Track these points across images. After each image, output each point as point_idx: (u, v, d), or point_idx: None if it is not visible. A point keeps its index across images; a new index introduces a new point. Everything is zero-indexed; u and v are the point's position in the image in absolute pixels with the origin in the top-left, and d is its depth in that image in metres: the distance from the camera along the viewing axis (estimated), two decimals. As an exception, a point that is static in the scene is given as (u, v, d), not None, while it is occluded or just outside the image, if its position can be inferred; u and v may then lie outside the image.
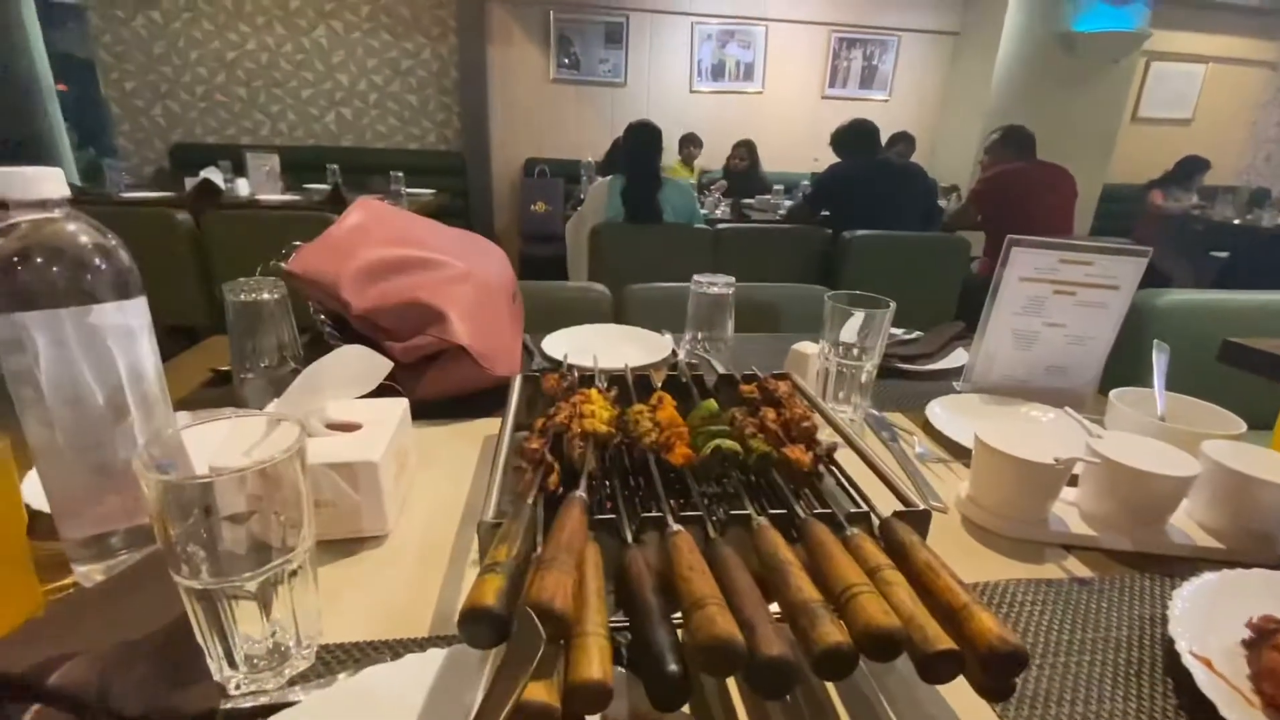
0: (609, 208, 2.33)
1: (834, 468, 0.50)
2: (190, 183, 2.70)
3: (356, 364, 0.52)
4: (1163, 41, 4.21)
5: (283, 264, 0.68)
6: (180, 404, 0.72)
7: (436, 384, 0.70)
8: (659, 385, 0.66)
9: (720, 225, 2.39)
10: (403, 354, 0.68)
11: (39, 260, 0.37)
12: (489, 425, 0.70)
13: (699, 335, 0.85)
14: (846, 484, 0.49)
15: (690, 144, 3.94)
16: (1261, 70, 4.81)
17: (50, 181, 0.38)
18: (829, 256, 2.40)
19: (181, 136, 3.91)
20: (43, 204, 0.38)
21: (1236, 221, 3.72)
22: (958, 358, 0.94)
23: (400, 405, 0.56)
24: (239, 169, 2.94)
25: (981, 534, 0.54)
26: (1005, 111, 3.71)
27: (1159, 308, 1.30)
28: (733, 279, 0.79)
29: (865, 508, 0.45)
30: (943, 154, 4.49)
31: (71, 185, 2.81)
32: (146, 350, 0.44)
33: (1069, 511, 0.55)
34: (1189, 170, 3.82)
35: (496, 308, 0.79)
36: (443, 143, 4.15)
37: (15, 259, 0.37)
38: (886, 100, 4.58)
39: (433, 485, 0.57)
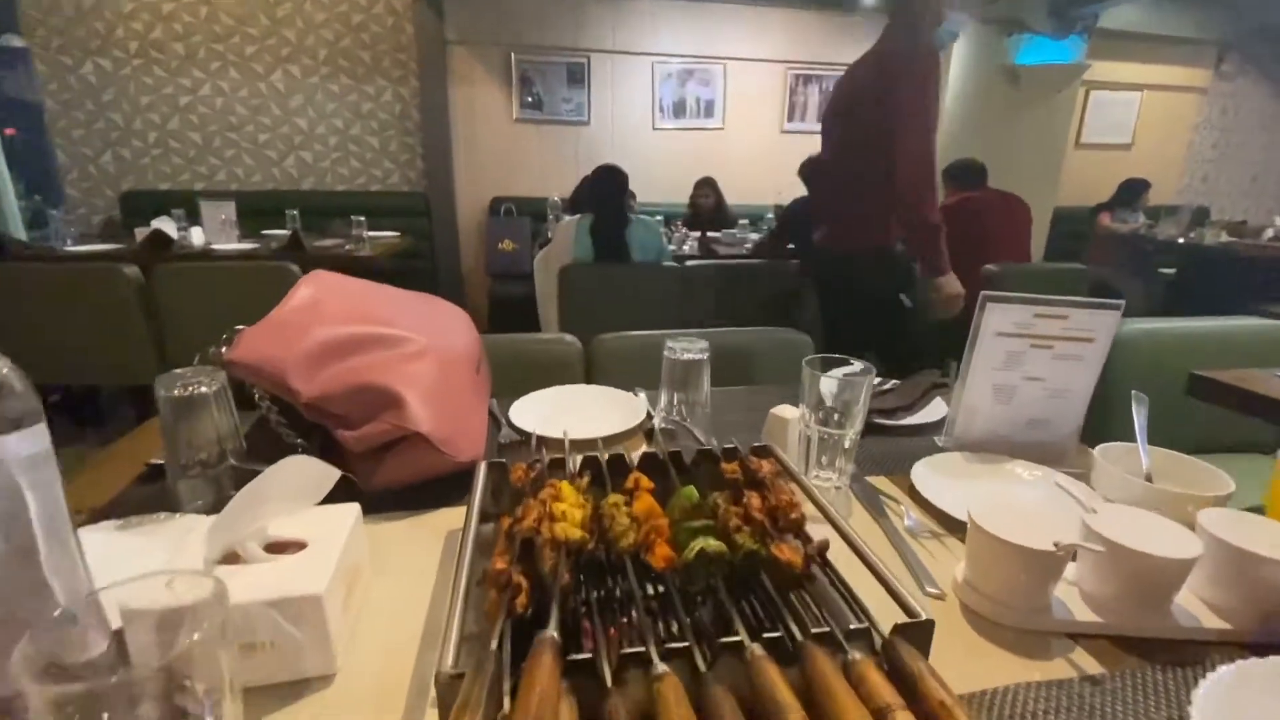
0: (577, 246, 2.31)
1: (828, 568, 0.47)
2: (141, 233, 2.60)
3: (300, 476, 0.47)
4: (1101, 71, 4.42)
5: (223, 350, 0.62)
6: (111, 504, 0.65)
7: (394, 473, 0.65)
8: (635, 464, 0.63)
9: (689, 263, 2.39)
10: (356, 443, 0.63)
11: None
12: (452, 516, 0.65)
13: (674, 398, 0.82)
14: (840, 586, 0.46)
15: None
16: (1193, 95, 5.09)
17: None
18: (797, 290, 2.41)
19: (133, 183, 3.79)
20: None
21: (1180, 240, 3.87)
22: (937, 408, 0.92)
23: (350, 515, 0.51)
24: (194, 217, 2.84)
25: (981, 623, 0.51)
26: (956, 140, 3.84)
27: (1121, 336, 1.32)
28: (706, 345, 0.76)
29: (865, 621, 0.41)
30: (901, 182, 4.61)
31: (15, 241, 2.69)
32: (52, 481, 0.39)
33: (1071, 594, 0.52)
34: (1133, 191, 3.98)
35: (459, 383, 0.74)
36: (406, 184, 4.11)
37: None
38: (844, 132, 4.70)
39: (388, 600, 0.52)
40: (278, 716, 0.41)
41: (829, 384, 0.66)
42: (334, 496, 0.60)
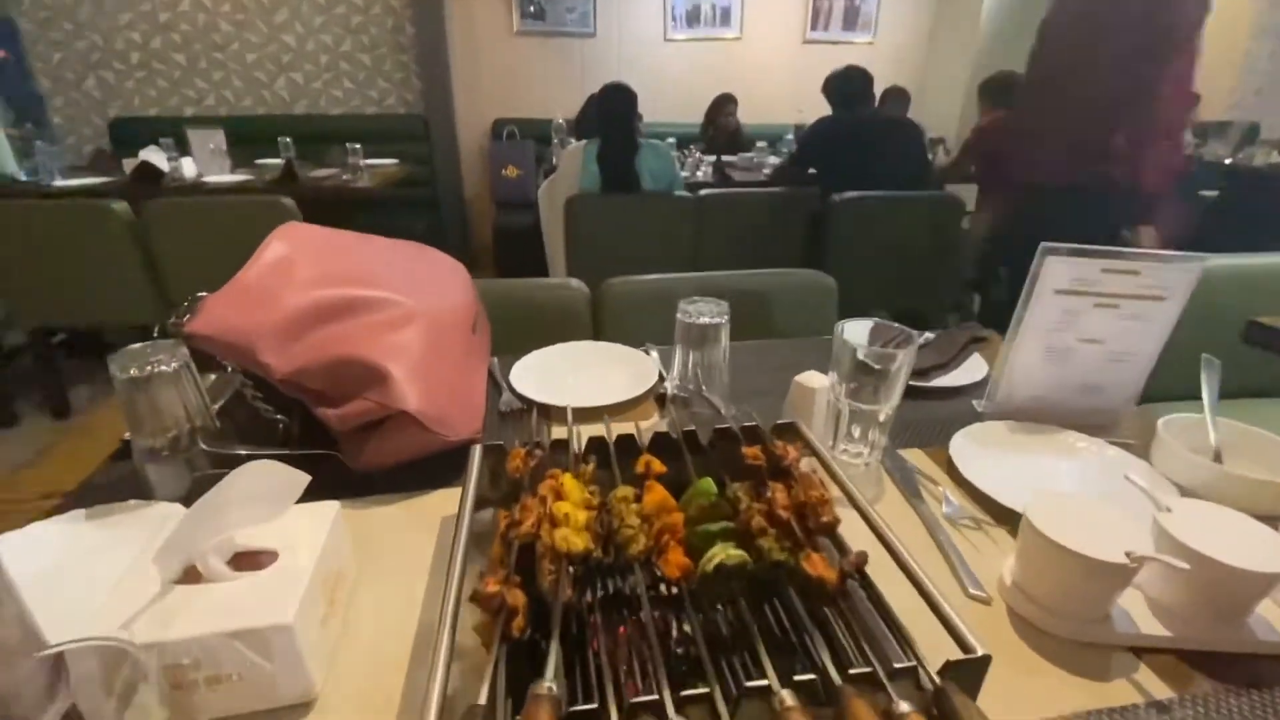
0: (583, 175, 2.17)
1: (866, 583, 0.41)
2: (130, 165, 2.48)
3: (264, 484, 0.42)
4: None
5: (181, 325, 0.56)
6: (83, 488, 0.61)
7: (382, 454, 0.60)
8: (645, 445, 0.57)
9: (703, 192, 2.25)
10: (338, 422, 0.58)
11: None
12: (449, 499, 0.60)
13: (689, 360, 0.75)
14: (881, 608, 0.40)
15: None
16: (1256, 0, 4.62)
17: None
18: (818, 219, 2.27)
19: (120, 110, 3.61)
20: None
21: (1228, 160, 3.61)
22: (975, 367, 0.85)
23: (328, 516, 0.46)
24: (184, 146, 2.71)
25: (1031, 632, 0.46)
26: (994, 52, 3.53)
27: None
28: (726, 308, 0.68)
29: (911, 657, 0.36)
30: (930, 102, 4.30)
31: (3, 176, 2.59)
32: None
33: (1133, 599, 0.47)
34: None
35: (451, 350, 0.68)
36: (403, 105, 3.88)
37: None
38: (871, 43, 4.33)
39: (376, 606, 0.48)
40: (252, 751, 0.37)
41: (865, 352, 0.59)
42: (320, 476, 0.56)
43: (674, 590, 0.45)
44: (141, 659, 0.26)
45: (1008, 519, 0.57)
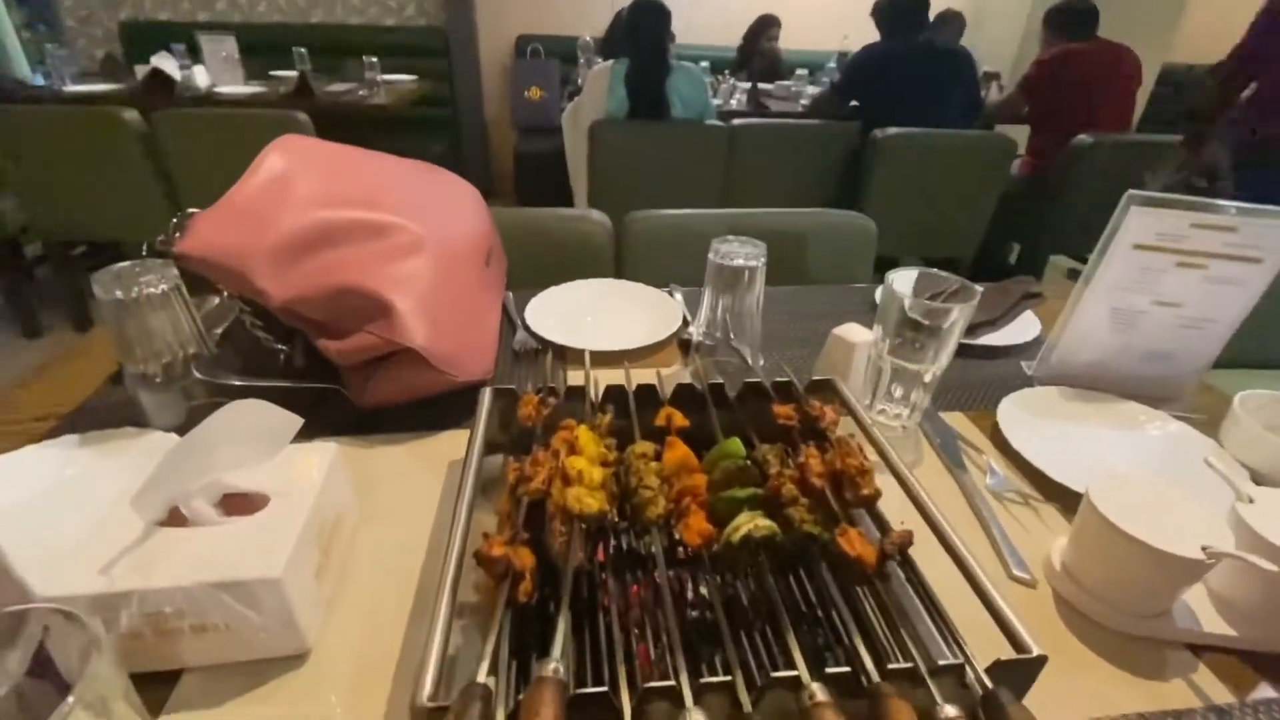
0: (610, 98, 2.04)
1: (908, 565, 0.37)
2: (142, 71, 2.39)
3: (253, 423, 0.38)
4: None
5: (169, 244, 0.51)
6: (79, 411, 0.59)
7: (387, 391, 0.56)
8: (667, 397, 0.52)
9: (736, 121, 2.11)
10: (340, 356, 0.54)
11: None
12: (459, 441, 0.56)
13: (718, 306, 0.69)
14: (924, 593, 0.36)
15: None
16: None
17: None
18: (856, 156, 2.14)
19: (130, 13, 3.47)
20: None
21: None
22: (1026, 325, 0.78)
23: (325, 457, 0.42)
24: (196, 55, 2.60)
25: (1079, 622, 0.42)
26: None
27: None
28: (762, 250, 0.62)
29: (957, 653, 0.32)
30: (983, 33, 3.97)
31: (14, 81, 2.52)
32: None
33: (1195, 593, 0.43)
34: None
35: (463, 283, 0.63)
36: (423, 16, 3.68)
37: None
38: (926, -40, 3.98)
39: (377, 552, 0.45)
40: (238, 703, 0.35)
41: (915, 305, 0.53)
42: (323, 410, 0.53)
43: (690, 553, 0.42)
44: (94, 628, 0.23)
45: (1057, 495, 0.52)
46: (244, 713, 0.35)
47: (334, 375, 0.58)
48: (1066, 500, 0.51)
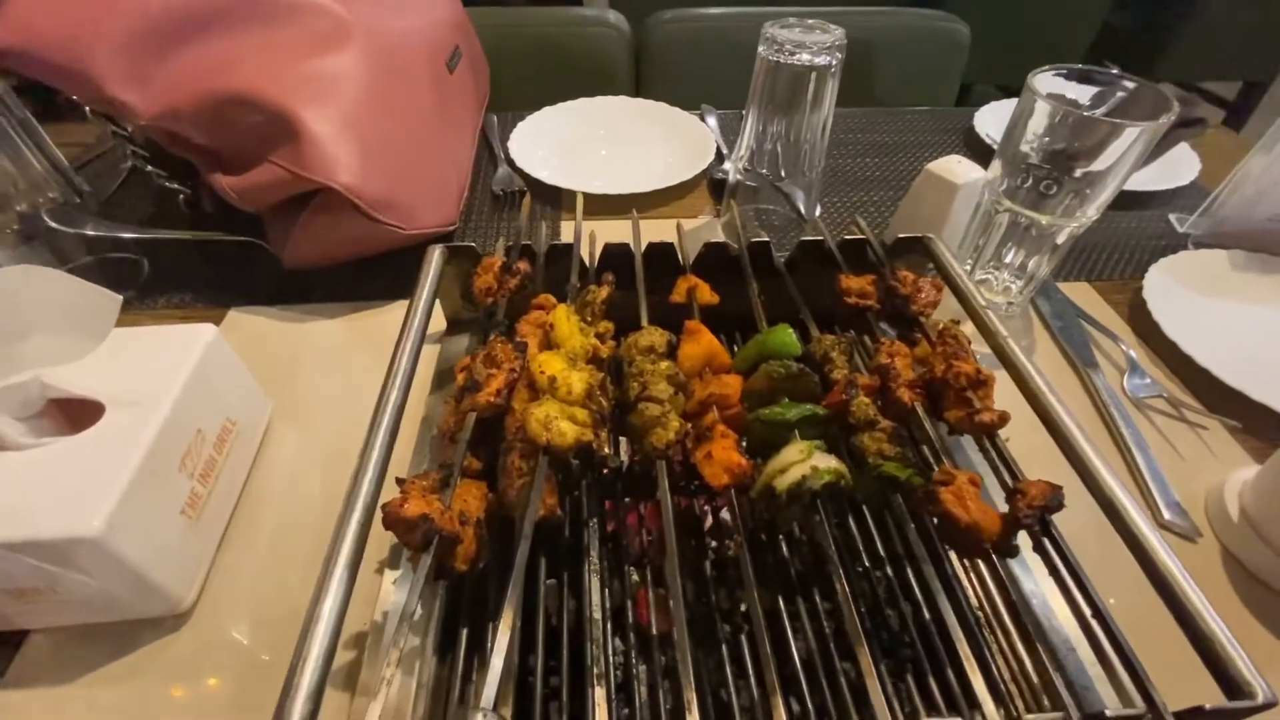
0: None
1: (1052, 538, 0.24)
2: None
3: (52, 301, 0.25)
4: None
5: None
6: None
7: (311, 246, 0.42)
8: (690, 261, 0.37)
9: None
10: (239, 197, 0.39)
11: None
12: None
13: (766, 132, 0.51)
14: (1074, 576, 0.23)
15: None
16: None
17: None
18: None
19: None
20: None
21: None
22: (1180, 164, 0.58)
23: (196, 345, 0.30)
24: None
25: (1267, 600, 0.30)
26: None
27: None
28: (839, 38, 0.42)
29: (1141, 697, 0.20)
30: None
31: None
32: None
33: None
34: None
35: (410, 97, 0.45)
36: None
37: None
38: None
39: (294, 459, 0.34)
40: (93, 679, 0.26)
41: (1071, 119, 0.35)
42: (250, 269, 0.40)
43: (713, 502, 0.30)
44: None
45: (1230, 407, 0.37)
46: (100, 693, 0.26)
47: (256, 225, 0.44)
48: (1246, 416, 0.37)
